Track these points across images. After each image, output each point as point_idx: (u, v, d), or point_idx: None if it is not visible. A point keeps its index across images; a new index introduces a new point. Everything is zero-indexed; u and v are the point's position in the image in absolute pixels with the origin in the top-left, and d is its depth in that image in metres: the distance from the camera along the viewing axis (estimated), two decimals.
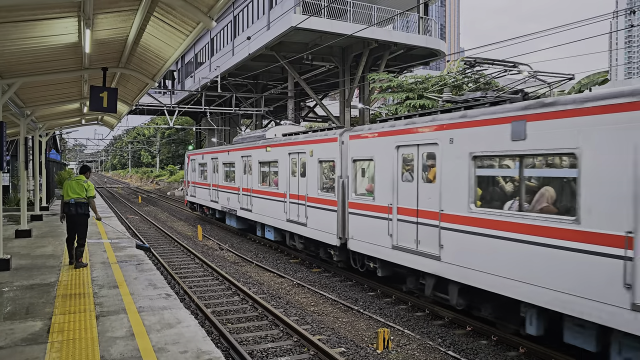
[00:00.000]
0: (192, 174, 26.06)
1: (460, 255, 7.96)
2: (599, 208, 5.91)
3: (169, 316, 6.42)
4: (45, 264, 9.58)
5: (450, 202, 8.18)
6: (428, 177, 8.86)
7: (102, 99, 9.26)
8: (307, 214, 13.15)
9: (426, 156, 8.94)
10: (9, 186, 21.19)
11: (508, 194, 7.48)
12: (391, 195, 9.75)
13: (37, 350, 5.17)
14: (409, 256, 9.18)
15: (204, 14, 5.99)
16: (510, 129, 7.09)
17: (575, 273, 6.14)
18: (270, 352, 7.29)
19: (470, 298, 8.21)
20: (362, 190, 11.23)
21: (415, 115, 9.68)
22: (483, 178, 7.87)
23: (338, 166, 11.77)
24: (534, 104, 6.93)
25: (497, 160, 7.73)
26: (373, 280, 11.25)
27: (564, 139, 6.34)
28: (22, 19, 6.30)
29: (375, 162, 10.41)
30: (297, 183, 13.78)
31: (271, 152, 15.62)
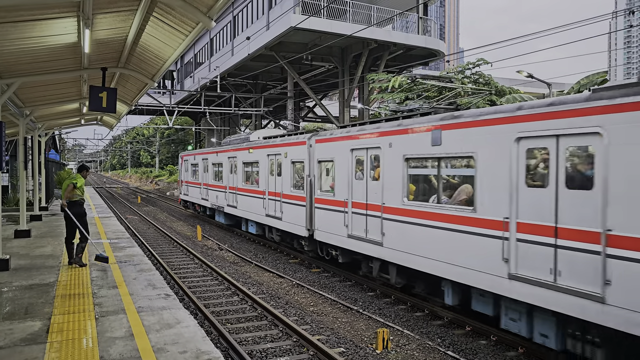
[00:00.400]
0: (185, 173, 27.48)
1: (397, 241, 9.51)
2: (488, 200, 7.49)
3: (168, 316, 6.41)
4: (44, 264, 9.58)
5: (390, 196, 9.74)
6: (374, 175, 10.36)
7: (101, 99, 9.25)
8: (282, 209, 14.58)
9: (373, 158, 10.44)
10: (8, 186, 21.17)
11: (432, 190, 9.04)
12: (347, 191, 11.24)
13: (36, 351, 5.17)
14: (360, 243, 10.73)
15: (203, 14, 5.99)
16: (431, 136, 8.68)
17: (474, 251, 7.70)
18: (269, 352, 7.29)
19: (406, 277, 9.79)
20: (327, 187, 12.57)
21: (366, 123, 11.34)
22: (413, 176, 9.48)
23: (307, 166, 13.21)
24: (447, 116, 8.49)
25: (422, 162, 9.26)
26: (336, 267, 12.64)
27: (466, 145, 7.94)
28: (21, 19, 6.29)
29: (335, 163, 11.87)
30: (275, 181, 15.22)
31: (253, 153, 17.13)
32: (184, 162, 28.06)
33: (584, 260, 6.03)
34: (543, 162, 6.72)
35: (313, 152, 12.91)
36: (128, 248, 11.61)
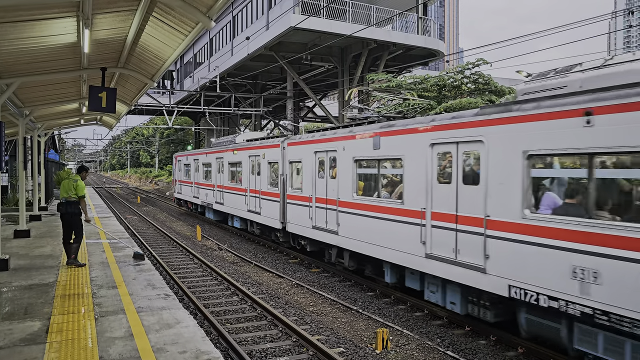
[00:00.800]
0: (179, 173, 29.18)
1: (349, 230, 11.11)
2: (411, 193, 9.15)
3: (167, 316, 6.41)
4: (44, 264, 9.57)
5: (344, 192, 11.38)
6: (332, 174, 11.95)
7: (101, 99, 9.26)
8: (260, 205, 16.26)
9: (331, 159, 12.03)
10: (8, 186, 21.16)
11: (375, 186, 10.55)
12: (312, 188, 12.87)
13: (35, 351, 5.17)
14: (322, 233, 12.30)
15: (202, 14, 5.99)
16: (372, 142, 10.30)
17: (403, 237, 9.30)
18: (269, 352, 7.29)
19: (357, 261, 11.43)
20: (297, 185, 14.03)
21: (328, 130, 12.97)
22: (361, 175, 11.06)
23: (280, 166, 14.83)
24: (384, 125, 10.17)
25: (367, 163, 10.78)
26: (306, 255, 14.27)
27: (397, 149, 9.58)
28: (21, 19, 6.29)
29: (302, 164, 13.49)
30: (255, 180, 16.86)
31: (237, 154, 18.80)
32: (178, 163, 29.67)
33: (472, 239, 7.72)
34: (449, 163, 8.36)
35: (285, 154, 14.54)
36: (128, 248, 11.60)
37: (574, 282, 6.11)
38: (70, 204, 9.28)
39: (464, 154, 7.98)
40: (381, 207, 10.01)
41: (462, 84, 21.75)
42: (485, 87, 21.57)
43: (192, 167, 25.66)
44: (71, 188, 9.32)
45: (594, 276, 5.90)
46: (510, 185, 7.06)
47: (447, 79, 21.79)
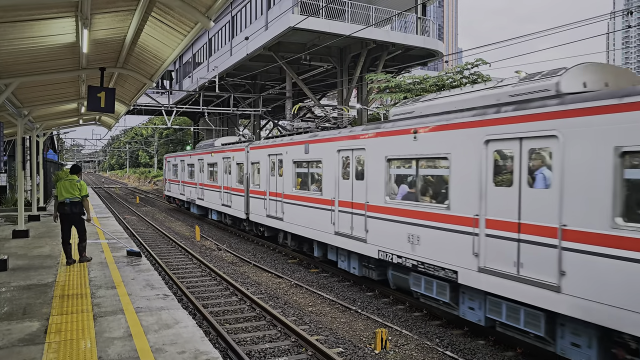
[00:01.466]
0: (168, 172, 32.40)
1: (290, 217, 13.94)
2: (327, 186, 11.88)
3: (166, 317, 6.41)
4: (42, 264, 9.56)
5: (287, 187, 14.24)
6: (279, 173, 14.79)
7: (99, 99, 9.25)
8: (231, 200, 19.29)
9: (279, 161, 14.83)
10: (6, 186, 21.14)
11: (307, 182, 13.39)
12: (266, 184, 15.70)
13: (34, 351, 5.16)
14: (273, 220, 15.18)
15: (201, 14, 5.98)
16: (304, 148, 13.22)
17: (321, 220, 12.17)
18: (268, 352, 7.29)
19: (298, 243, 14.24)
20: (257, 182, 16.91)
21: (278, 137, 15.91)
22: (298, 173, 13.87)
23: (245, 167, 17.91)
24: (312, 135, 12.99)
25: (302, 164, 13.62)
26: (266, 240, 17.19)
27: (319, 153, 12.40)
28: (19, 19, 6.28)
29: (260, 164, 16.48)
30: (227, 178, 19.90)
31: (214, 156, 21.83)
32: (167, 163, 32.98)
33: (360, 220, 10.50)
34: (349, 164, 10.98)
35: (249, 156, 17.65)
36: (126, 248, 11.58)
37: (408, 244, 8.94)
38: (75, 204, 9.35)
39: (355, 157, 10.98)
40: (310, 198, 12.81)
41: (462, 84, 21.76)
42: None
43: (179, 167, 28.57)
44: (75, 188, 9.36)
45: (415, 238, 8.81)
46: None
47: (446, 79, 21.80)
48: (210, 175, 22.45)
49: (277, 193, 14.82)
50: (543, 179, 6.58)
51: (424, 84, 21.65)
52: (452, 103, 8.54)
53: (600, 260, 5.75)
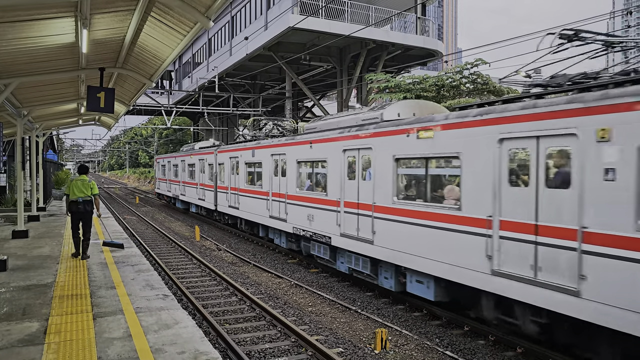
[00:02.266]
0: (158, 172, 36.30)
1: (243, 206, 17.75)
2: (265, 181, 15.30)
3: (166, 317, 6.40)
4: (42, 264, 9.55)
5: (241, 182, 18.00)
6: (237, 171, 18.51)
7: (99, 99, 9.24)
8: (204, 194, 23.21)
9: (236, 162, 18.70)
10: (6, 187, 21.12)
11: (255, 178, 16.82)
12: (228, 181, 19.50)
13: (33, 352, 5.15)
14: (233, 210, 18.96)
15: (201, 14, 5.98)
16: (251, 152, 16.87)
17: (262, 208, 15.67)
18: (268, 352, 7.28)
19: (250, 227, 18.05)
20: (222, 179, 20.43)
21: (236, 143, 20.40)
22: (249, 172, 17.53)
23: (214, 167, 21.61)
24: (256, 143, 16.72)
25: (251, 164, 17.26)
26: (236, 229, 20.39)
27: (261, 157, 15.90)
28: (19, 19, 6.28)
29: (224, 165, 20.28)
30: (202, 177, 23.65)
31: (192, 158, 25.65)
32: (157, 164, 36.95)
33: (281, 207, 14.26)
34: (277, 165, 14.66)
35: (216, 158, 21.37)
36: (126, 248, 11.58)
37: (308, 221, 12.63)
38: (88, 203, 10.00)
39: (279, 160, 14.62)
40: (255, 191, 16.55)
41: (461, 84, 21.75)
42: (484, 87, 21.58)
43: (167, 167, 32.15)
44: (87, 188, 10.03)
45: (311, 217, 12.44)
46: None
47: (445, 79, 21.78)
48: (190, 174, 26.08)
49: (235, 188, 18.75)
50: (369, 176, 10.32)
51: (423, 84, 21.64)
52: (333, 123, 12.40)
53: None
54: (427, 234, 8.39)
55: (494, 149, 7.16)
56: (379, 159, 9.73)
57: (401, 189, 9.43)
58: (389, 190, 9.39)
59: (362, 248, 10.25)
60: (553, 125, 6.38)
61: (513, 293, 6.83)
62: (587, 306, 5.87)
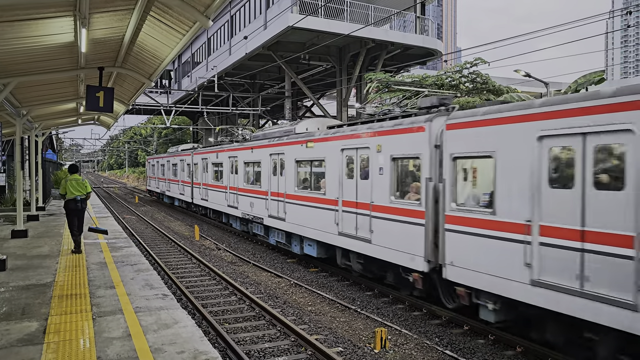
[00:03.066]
0: (149, 171, 41.11)
1: (211, 198, 21.66)
2: (226, 177, 19.61)
3: (165, 316, 6.40)
4: (41, 264, 9.55)
5: (209, 179, 21.69)
6: (207, 170, 22.15)
7: (98, 98, 9.23)
8: (184, 190, 27.21)
9: (206, 163, 22.47)
10: (5, 186, 21.10)
11: (218, 175, 20.81)
12: (201, 178, 23.35)
13: (32, 351, 5.15)
14: (206, 202, 22.62)
15: (200, 13, 5.97)
16: (216, 155, 20.83)
17: (222, 199, 20.00)
18: (267, 352, 7.28)
19: (217, 216, 21.80)
20: (197, 177, 24.43)
21: (207, 146, 24.50)
22: (214, 171, 21.19)
23: (191, 167, 25.58)
24: (219, 147, 21.07)
25: (215, 165, 20.98)
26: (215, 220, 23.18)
27: (221, 159, 20.38)
28: (17, 18, 6.27)
29: (198, 165, 24.20)
30: (182, 175, 27.53)
31: (175, 159, 29.44)
32: (148, 164, 42.33)
33: (220, 196, 20.24)
34: (234, 165, 18.19)
35: (192, 159, 25.36)
36: (125, 248, 11.58)
37: (250, 207, 16.36)
38: (84, 201, 10.65)
39: (237, 159, 18.28)
40: (218, 186, 20.64)
41: (460, 83, 21.74)
42: (484, 87, 21.59)
43: (156, 167, 36.45)
44: (83, 187, 10.60)
45: (252, 204, 16.34)
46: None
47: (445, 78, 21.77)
48: (174, 173, 29.94)
49: (206, 184, 22.58)
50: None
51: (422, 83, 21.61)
52: (268, 133, 16.71)
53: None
54: (311, 212, 12.47)
55: (341, 156, 11.22)
56: (287, 161, 13.91)
57: (300, 181, 13.62)
58: (293, 182, 13.68)
59: (280, 224, 14.34)
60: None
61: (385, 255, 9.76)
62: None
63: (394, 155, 9.37)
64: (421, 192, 8.66)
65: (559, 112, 6.40)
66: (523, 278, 6.68)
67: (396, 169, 9.50)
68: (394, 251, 9.28)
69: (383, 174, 9.57)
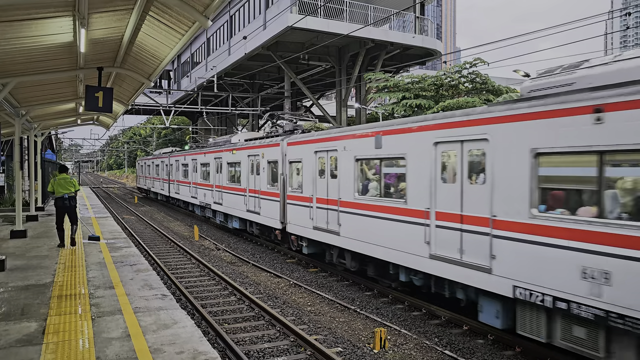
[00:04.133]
0: (139, 170, 46.86)
1: (182, 192, 27.30)
2: (212, 176, 21.56)
3: (165, 317, 6.39)
4: (40, 264, 9.54)
5: (180, 176, 27.64)
6: (178, 170, 27.74)
7: (97, 98, 9.22)
8: (163, 186, 32.20)
9: (179, 164, 27.75)
10: (4, 186, 21.09)
11: (205, 175, 22.84)
12: (175, 176, 28.62)
13: (31, 352, 5.14)
14: (177, 195, 28.51)
15: (199, 13, 5.97)
16: (183, 158, 27.02)
17: (205, 194, 22.83)
18: (267, 352, 7.27)
19: (202, 211, 23.65)
20: (172, 175, 29.43)
21: (181, 151, 31.48)
22: (184, 170, 26.52)
23: (168, 167, 30.59)
24: (187, 152, 27.52)
25: (185, 165, 26.54)
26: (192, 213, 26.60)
27: (188, 162, 26.10)
28: (16, 18, 6.26)
29: (172, 165, 29.41)
30: (163, 174, 32.45)
31: (157, 160, 35.08)
32: (137, 163, 48.94)
33: (196, 190, 24.25)
34: (194, 165, 24.21)
35: (170, 161, 30.02)
36: (125, 248, 11.57)
37: (204, 197, 22.55)
38: (72, 198, 11.13)
39: (219, 162, 20.64)
40: (200, 184, 22.82)
41: (460, 83, 21.74)
42: (483, 87, 21.59)
43: (144, 167, 42.47)
44: (70, 185, 11.07)
45: (205, 194, 22.33)
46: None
47: (444, 78, 21.78)
48: (157, 172, 35.16)
49: (179, 180, 27.49)
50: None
51: (422, 83, 21.63)
52: (219, 141, 21.79)
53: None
54: (236, 198, 17.84)
55: (247, 160, 16.95)
56: (224, 163, 19.42)
57: (230, 177, 19.19)
58: (225, 178, 19.34)
59: (219, 207, 19.91)
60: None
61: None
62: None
63: (269, 160, 15.23)
64: (279, 179, 14.40)
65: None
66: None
67: (270, 169, 15.36)
68: (269, 218, 15.12)
69: (265, 172, 15.50)
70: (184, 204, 27.93)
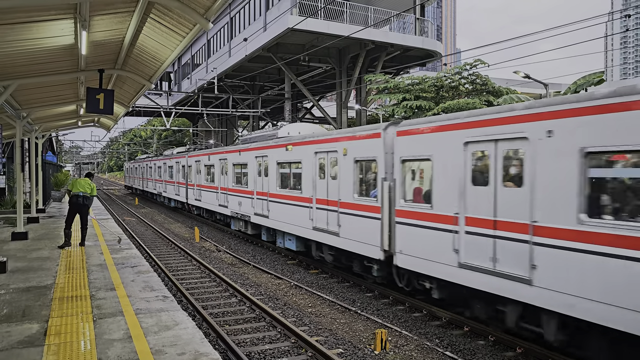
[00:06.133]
0: (128, 171, 52.82)
1: (169, 191, 30.86)
2: (194, 177, 24.58)
3: (166, 318, 6.40)
4: (41, 266, 9.55)
5: (177, 178, 28.45)
6: (165, 171, 31.93)
7: (98, 100, 9.24)
8: (177, 190, 28.91)
9: (170, 167, 30.14)
10: (5, 188, 21.11)
11: (172, 175, 29.83)
12: (213, 181, 22.87)
13: (33, 353, 5.15)
14: (171, 195, 29.77)
15: (200, 16, 5.99)
16: (164, 162, 32.51)
17: (175, 189, 29.23)
18: (267, 353, 7.28)
19: (207, 213, 23.64)
20: (156, 176, 35.00)
21: (162, 154, 37.25)
22: (207, 173, 22.98)
23: (156, 169, 34.70)
24: (163, 157, 33.92)
25: (170, 167, 30.32)
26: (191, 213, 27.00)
27: (191, 163, 25.51)
28: (18, 20, 6.28)
29: (161, 168, 32.88)
30: (156, 176, 34.65)
31: (149, 163, 37.80)
32: (125, 165, 55.35)
33: (175, 188, 29.17)
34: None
35: (188, 162, 26.43)
36: (126, 250, 11.58)
37: (178, 192, 28.04)
38: (87, 198, 11.65)
39: (199, 163, 23.35)
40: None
41: (460, 84, 21.76)
42: (483, 88, 21.61)
43: (132, 168, 48.01)
44: (88, 186, 11.74)
45: (180, 190, 27.56)
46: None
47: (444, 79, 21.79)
48: (150, 174, 37.78)
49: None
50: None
51: (422, 84, 21.64)
52: (169, 154, 31.32)
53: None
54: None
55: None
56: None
57: (211, 177, 21.68)
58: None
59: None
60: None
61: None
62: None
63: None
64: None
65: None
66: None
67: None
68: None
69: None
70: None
